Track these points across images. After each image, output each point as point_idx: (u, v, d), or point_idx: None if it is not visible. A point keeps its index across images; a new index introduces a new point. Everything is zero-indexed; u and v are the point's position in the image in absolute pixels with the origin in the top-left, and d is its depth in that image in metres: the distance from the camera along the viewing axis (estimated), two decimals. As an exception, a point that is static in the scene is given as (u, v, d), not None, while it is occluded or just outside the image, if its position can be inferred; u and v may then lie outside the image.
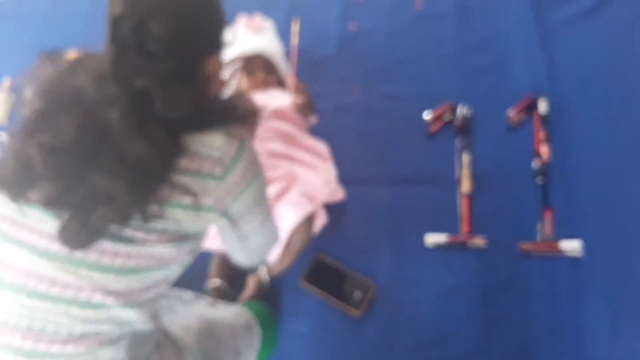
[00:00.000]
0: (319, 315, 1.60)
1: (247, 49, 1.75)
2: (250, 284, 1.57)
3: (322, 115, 1.79)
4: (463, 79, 1.85)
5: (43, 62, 0.98)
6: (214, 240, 1.54)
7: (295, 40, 1.72)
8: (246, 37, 1.77)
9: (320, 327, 1.59)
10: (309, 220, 1.56)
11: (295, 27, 1.72)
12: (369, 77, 1.92)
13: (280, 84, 1.81)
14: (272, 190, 1.56)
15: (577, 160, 1.68)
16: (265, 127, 1.61)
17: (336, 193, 1.68)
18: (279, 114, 1.64)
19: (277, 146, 1.60)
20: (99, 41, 2.22)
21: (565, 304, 1.51)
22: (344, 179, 1.70)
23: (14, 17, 2.37)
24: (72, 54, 2.18)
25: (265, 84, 1.75)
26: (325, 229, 1.66)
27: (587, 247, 1.55)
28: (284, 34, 1.98)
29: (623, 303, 1.48)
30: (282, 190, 1.58)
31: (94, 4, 2.30)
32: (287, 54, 1.94)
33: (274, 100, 1.67)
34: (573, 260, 1.55)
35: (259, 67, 1.75)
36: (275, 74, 1.80)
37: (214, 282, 1.57)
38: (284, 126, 1.63)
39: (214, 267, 1.61)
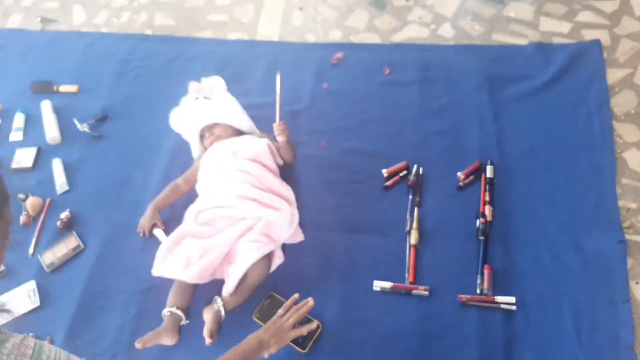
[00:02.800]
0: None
1: (203, 122, 1.93)
2: (208, 318, 1.63)
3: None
4: (420, 140, 2.03)
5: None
6: (174, 268, 1.65)
7: (278, 89, 1.90)
8: (198, 110, 1.95)
9: (267, 360, 1.66)
10: (267, 258, 1.68)
11: (278, 78, 1.90)
12: (335, 132, 2.08)
13: (241, 133, 1.97)
14: (237, 230, 1.68)
15: (516, 222, 1.82)
16: (236, 170, 1.75)
17: (296, 235, 1.79)
18: (253, 159, 1.78)
19: (246, 188, 1.73)
20: (91, 79, 2.41)
21: (498, 354, 1.60)
22: (303, 222, 1.82)
23: (14, 46, 2.53)
24: (66, 88, 2.36)
25: (221, 135, 1.92)
26: (281, 267, 1.76)
27: (521, 302, 1.67)
28: (261, 85, 2.16)
29: (550, 358, 1.58)
30: (246, 229, 1.69)
31: (88, 45, 2.47)
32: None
33: (250, 145, 1.82)
34: (508, 314, 1.66)
35: (219, 129, 1.93)
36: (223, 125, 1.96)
37: (171, 310, 1.64)
38: (256, 170, 1.77)
39: (171, 296, 1.69)
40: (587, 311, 1.64)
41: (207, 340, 1.58)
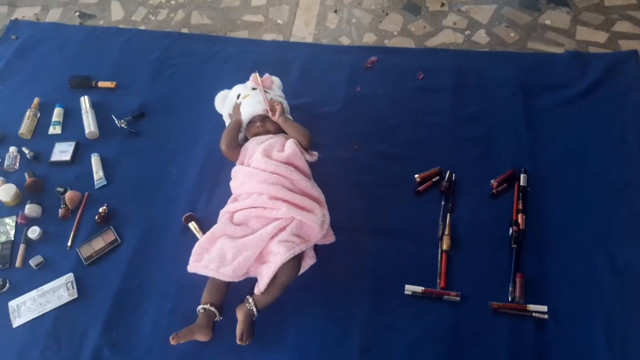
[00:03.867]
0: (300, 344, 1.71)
1: (261, 109, 1.96)
2: (240, 317, 1.66)
3: (320, 164, 1.95)
4: (453, 146, 2.04)
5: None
6: (210, 266, 1.68)
7: (259, 81, 1.98)
8: (259, 98, 1.98)
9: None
10: (297, 258, 1.70)
11: (257, 76, 2.00)
12: (368, 135, 2.10)
13: (281, 130, 1.99)
14: (269, 230, 1.70)
15: (549, 231, 1.83)
16: (270, 172, 1.78)
17: (328, 236, 1.81)
18: (287, 161, 1.82)
19: (279, 190, 1.75)
20: (128, 75, 2.45)
21: (529, 362, 1.62)
22: (335, 224, 1.83)
23: (52, 41, 2.58)
24: (104, 84, 2.40)
25: (268, 130, 1.96)
26: (313, 268, 1.78)
27: (553, 311, 1.67)
28: (295, 87, 2.19)
29: (580, 366, 1.59)
30: (278, 230, 1.72)
31: (126, 42, 2.52)
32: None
33: (282, 147, 1.86)
34: (539, 323, 1.67)
35: (271, 123, 1.97)
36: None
37: (205, 307, 1.68)
38: (288, 172, 1.79)
39: (206, 293, 1.72)
40: (619, 322, 1.65)
41: (238, 342, 1.63)
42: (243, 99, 1.99)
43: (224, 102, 2.08)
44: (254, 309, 1.66)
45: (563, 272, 1.75)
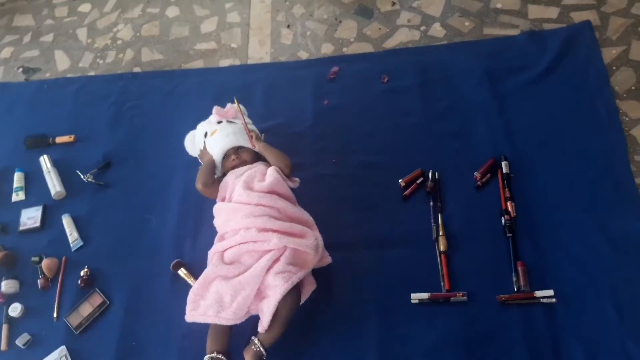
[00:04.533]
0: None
1: (232, 143, 1.90)
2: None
3: (302, 185, 1.90)
4: (430, 145, 2.02)
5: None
6: (209, 313, 1.61)
7: (240, 110, 1.92)
8: (227, 132, 1.91)
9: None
10: (297, 288, 1.65)
11: (236, 102, 1.93)
12: (345, 147, 2.07)
13: (257, 158, 1.93)
14: (263, 263, 1.64)
15: (540, 214, 1.83)
16: (254, 205, 1.71)
17: (324, 258, 1.77)
18: (270, 190, 1.76)
19: (266, 221, 1.69)
20: (86, 126, 2.36)
21: (547, 348, 1.60)
22: (327, 244, 1.78)
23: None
24: (62, 139, 2.30)
25: (245, 161, 1.89)
26: (315, 294, 1.73)
27: (559, 294, 1.67)
28: (261, 110, 2.13)
29: (598, 344, 1.59)
30: (272, 262, 1.66)
31: (78, 91, 2.42)
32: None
33: (262, 177, 1.80)
34: (548, 307, 1.66)
35: (246, 153, 1.90)
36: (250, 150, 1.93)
37: (212, 356, 1.61)
38: (273, 201, 1.74)
39: (210, 341, 1.65)
40: (624, 292, 1.65)
41: None
42: (211, 136, 1.92)
43: (194, 144, 2.01)
44: (262, 350, 1.59)
45: (561, 252, 1.75)
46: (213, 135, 1.92)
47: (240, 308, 1.61)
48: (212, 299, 1.63)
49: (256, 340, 1.60)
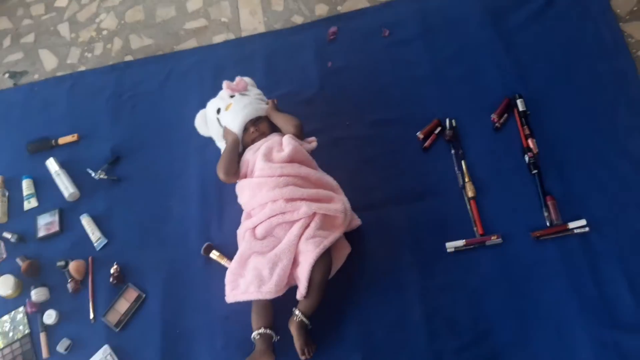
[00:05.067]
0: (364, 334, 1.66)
1: (251, 115, 1.86)
2: (294, 332, 1.59)
3: (320, 150, 1.87)
4: (442, 93, 1.99)
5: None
6: (250, 289, 1.60)
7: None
8: (242, 105, 1.87)
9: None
10: (327, 254, 1.64)
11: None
12: (356, 108, 2.03)
13: (273, 130, 1.90)
14: (294, 232, 1.63)
15: (562, 147, 1.82)
16: (278, 176, 1.69)
17: (353, 221, 1.75)
18: (290, 159, 1.73)
19: (292, 191, 1.67)
20: (87, 123, 2.30)
21: (586, 277, 1.62)
22: (355, 206, 1.77)
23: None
24: (65, 140, 2.24)
25: (264, 132, 1.86)
26: (350, 257, 1.72)
27: (591, 222, 1.67)
28: (265, 82, 2.09)
29: (636, 266, 1.60)
30: (303, 229, 1.65)
31: (71, 89, 2.35)
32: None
33: (284, 146, 1.77)
34: (583, 237, 1.66)
35: (264, 125, 1.87)
36: (267, 121, 1.90)
37: (260, 332, 1.61)
38: (295, 169, 1.71)
39: (255, 317, 1.65)
40: (655, 209, 1.65)
41: (302, 358, 1.58)
42: (225, 111, 1.87)
43: (205, 123, 1.95)
44: (304, 319, 1.59)
45: (587, 181, 1.74)
46: (228, 109, 1.87)
47: (280, 280, 1.60)
48: (251, 276, 1.62)
49: (297, 312, 1.61)
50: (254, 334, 1.61)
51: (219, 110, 1.90)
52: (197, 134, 2.02)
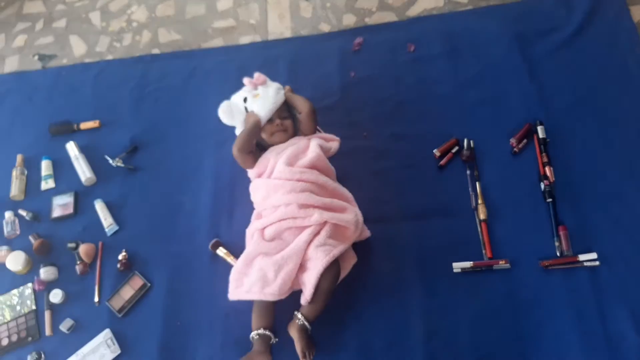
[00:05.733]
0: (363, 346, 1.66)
1: (278, 103, 1.87)
2: (295, 335, 1.60)
3: (336, 158, 1.87)
4: (463, 113, 1.99)
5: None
6: (254, 289, 1.61)
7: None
8: (271, 93, 1.88)
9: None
10: (336, 262, 1.65)
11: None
12: (375, 120, 2.03)
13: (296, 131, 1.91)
14: (304, 237, 1.64)
15: (578, 178, 1.80)
16: (296, 180, 1.70)
17: (363, 232, 1.76)
18: (312, 165, 1.74)
19: (307, 197, 1.68)
20: (109, 111, 2.33)
21: (592, 311, 1.60)
22: (365, 218, 1.76)
23: (19, 91, 2.43)
24: (87, 125, 2.28)
25: (287, 130, 1.86)
26: (356, 268, 1.72)
27: (602, 256, 1.66)
28: (288, 85, 2.09)
29: (643, 305, 1.58)
30: (313, 235, 1.65)
31: (97, 76, 2.38)
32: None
33: (304, 152, 1.78)
34: (592, 270, 1.65)
35: (288, 122, 1.88)
36: (290, 115, 1.91)
37: (259, 332, 1.61)
38: (314, 176, 1.72)
39: (255, 317, 1.65)
40: (667, 252, 1.64)
41: None
42: (254, 98, 1.87)
43: (231, 112, 1.93)
44: (306, 323, 1.60)
45: (602, 215, 1.73)
46: (256, 98, 1.87)
47: (284, 283, 1.60)
48: (256, 276, 1.63)
49: (299, 315, 1.61)
50: (253, 334, 1.62)
51: (245, 99, 1.90)
52: (215, 132, 2.04)
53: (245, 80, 1.93)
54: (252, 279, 1.64)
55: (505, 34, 2.11)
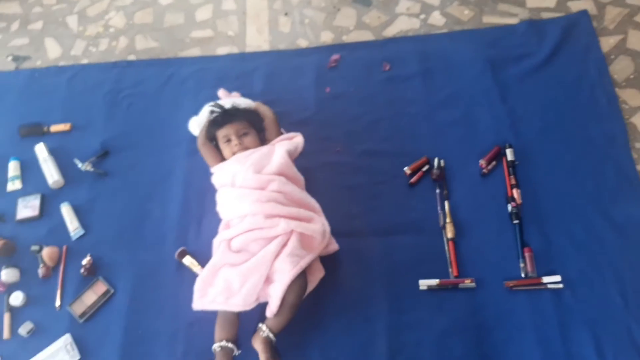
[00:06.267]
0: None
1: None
2: (259, 347, 1.58)
3: (307, 172, 1.87)
4: (434, 133, 2.02)
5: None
6: (218, 299, 1.60)
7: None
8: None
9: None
10: (303, 275, 1.64)
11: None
12: (348, 136, 2.05)
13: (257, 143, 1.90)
14: (271, 249, 1.63)
15: (545, 201, 1.84)
16: (261, 189, 1.70)
17: (330, 245, 1.76)
18: (280, 172, 1.74)
19: (273, 207, 1.68)
20: (81, 114, 2.30)
21: (554, 333, 1.62)
22: (334, 231, 1.76)
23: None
24: (58, 128, 2.24)
25: (248, 148, 1.85)
26: (323, 281, 1.72)
27: (566, 279, 1.69)
28: (262, 98, 2.10)
29: (605, 328, 1.61)
30: (280, 247, 1.64)
31: (71, 79, 2.36)
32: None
33: (271, 159, 1.77)
34: (555, 293, 1.67)
35: (249, 139, 1.86)
36: (253, 128, 1.90)
37: (221, 344, 1.59)
38: (281, 185, 1.72)
39: (218, 328, 1.63)
40: (629, 278, 1.67)
41: None
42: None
43: (199, 123, 1.96)
44: (271, 335, 1.58)
45: (566, 238, 1.76)
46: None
47: (249, 294, 1.59)
48: (221, 286, 1.61)
49: (264, 327, 1.59)
50: (215, 346, 1.59)
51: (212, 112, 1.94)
52: (187, 140, 2.04)
53: (221, 92, 1.95)
54: (217, 289, 1.62)
55: (479, 58, 2.16)
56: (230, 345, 1.59)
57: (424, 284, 1.73)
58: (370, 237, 1.83)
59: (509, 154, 1.92)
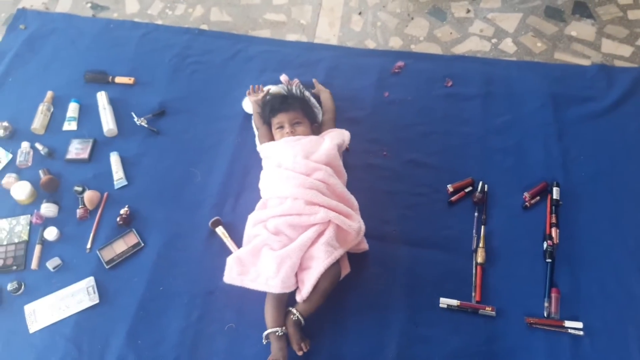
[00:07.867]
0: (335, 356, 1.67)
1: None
2: (291, 330, 1.60)
3: (351, 170, 1.90)
4: (484, 157, 2.01)
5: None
6: (258, 280, 1.63)
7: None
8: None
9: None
10: (337, 264, 1.66)
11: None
12: (397, 142, 2.06)
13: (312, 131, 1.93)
14: (308, 236, 1.65)
15: (582, 246, 1.82)
16: (307, 176, 1.72)
17: (361, 244, 1.77)
18: (327, 162, 1.76)
19: (315, 195, 1.69)
20: (146, 72, 2.36)
21: (566, 380, 1.60)
22: (366, 232, 1.77)
23: (64, 32, 2.47)
24: (122, 80, 2.31)
25: (303, 133, 1.88)
26: (347, 278, 1.73)
27: (588, 327, 1.66)
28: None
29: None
30: (318, 234, 1.67)
31: (143, 37, 2.43)
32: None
33: (322, 148, 1.80)
34: (575, 339, 1.65)
35: (302, 128, 1.89)
36: (307, 119, 1.93)
37: (279, 333, 1.61)
38: (326, 176, 1.74)
39: (273, 313, 1.64)
40: (653, 339, 1.64)
41: (299, 353, 1.59)
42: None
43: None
44: (301, 318, 1.61)
45: (597, 287, 1.74)
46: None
47: (287, 277, 1.62)
48: (262, 267, 1.65)
49: (294, 310, 1.62)
50: (273, 331, 1.60)
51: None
52: (241, 116, 2.10)
53: (283, 77, 1.98)
54: (258, 269, 1.65)
55: (543, 91, 2.15)
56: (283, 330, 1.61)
57: (444, 302, 1.72)
58: (400, 245, 1.84)
59: (555, 193, 1.89)
